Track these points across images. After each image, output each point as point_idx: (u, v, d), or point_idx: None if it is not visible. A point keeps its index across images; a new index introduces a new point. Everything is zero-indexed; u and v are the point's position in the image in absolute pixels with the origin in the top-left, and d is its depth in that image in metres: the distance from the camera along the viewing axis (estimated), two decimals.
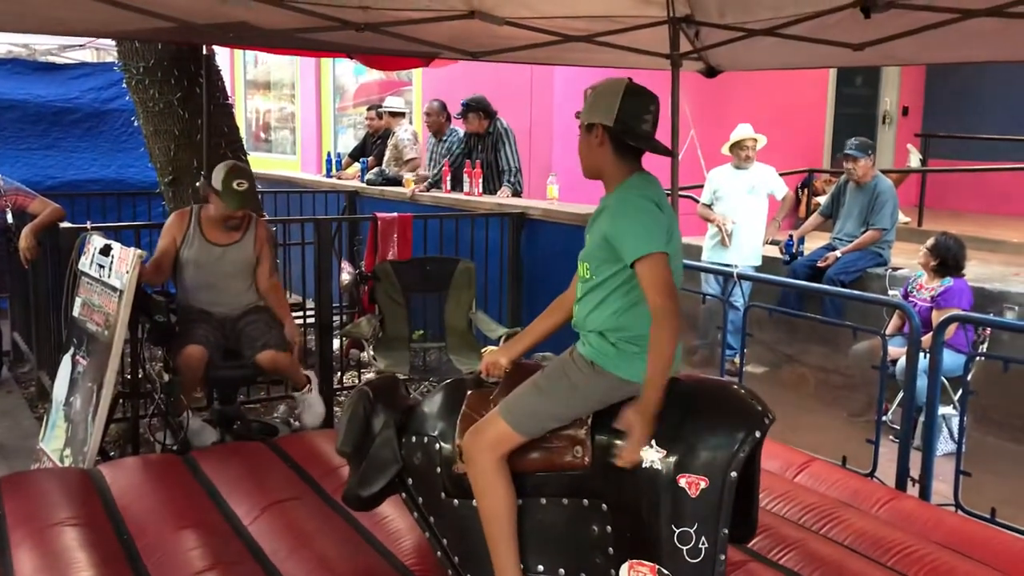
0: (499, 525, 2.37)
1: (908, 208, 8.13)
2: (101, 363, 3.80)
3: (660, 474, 2.23)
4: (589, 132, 2.43)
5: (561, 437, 2.38)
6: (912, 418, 4.06)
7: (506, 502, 2.37)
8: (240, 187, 4.20)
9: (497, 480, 2.37)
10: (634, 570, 2.26)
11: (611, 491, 2.32)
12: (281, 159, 12.48)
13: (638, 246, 2.29)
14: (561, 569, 2.40)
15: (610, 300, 2.40)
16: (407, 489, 2.60)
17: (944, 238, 5.25)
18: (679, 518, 2.22)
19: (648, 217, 2.34)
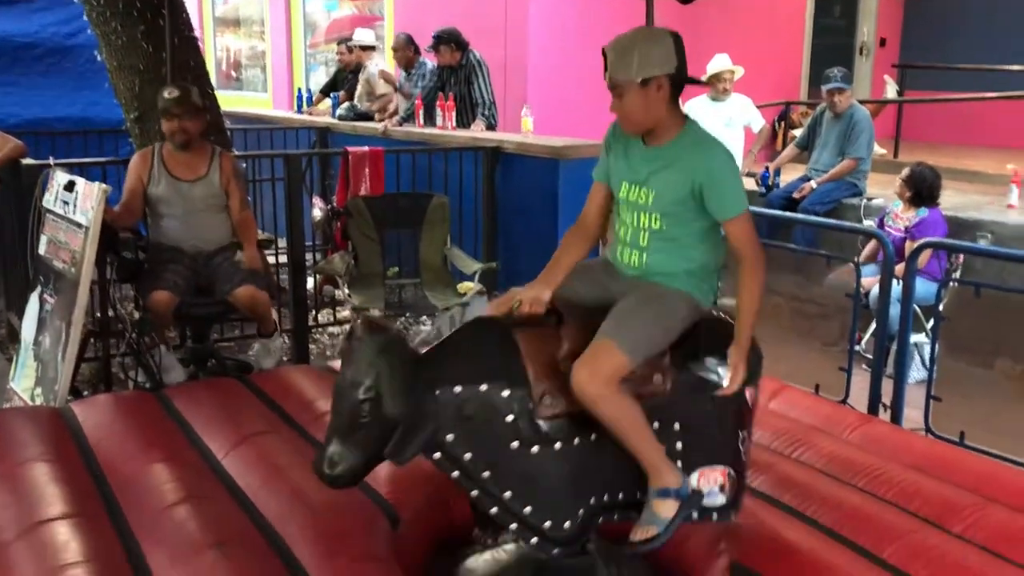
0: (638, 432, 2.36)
1: (884, 140, 8.11)
2: (69, 301, 3.74)
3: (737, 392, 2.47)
4: (646, 86, 2.33)
5: (644, 367, 2.39)
6: (884, 346, 4.09)
7: (637, 412, 2.35)
8: (171, 94, 4.13)
9: (624, 402, 2.33)
10: (705, 476, 2.46)
11: (686, 411, 2.45)
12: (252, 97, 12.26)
13: (736, 205, 2.39)
14: (637, 492, 2.44)
15: (680, 240, 2.45)
16: (442, 447, 2.29)
17: (919, 168, 5.24)
18: (744, 425, 2.55)
19: (736, 172, 2.45)
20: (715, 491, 2.47)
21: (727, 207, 2.38)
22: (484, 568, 2.54)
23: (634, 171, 2.45)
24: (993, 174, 7.36)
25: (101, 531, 2.54)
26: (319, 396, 3.48)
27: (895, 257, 4.03)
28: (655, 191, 2.41)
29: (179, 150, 4.22)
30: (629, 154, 2.48)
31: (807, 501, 2.71)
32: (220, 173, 4.29)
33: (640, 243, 2.47)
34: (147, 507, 2.65)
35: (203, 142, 4.32)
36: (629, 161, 2.47)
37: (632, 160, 2.46)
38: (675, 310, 2.44)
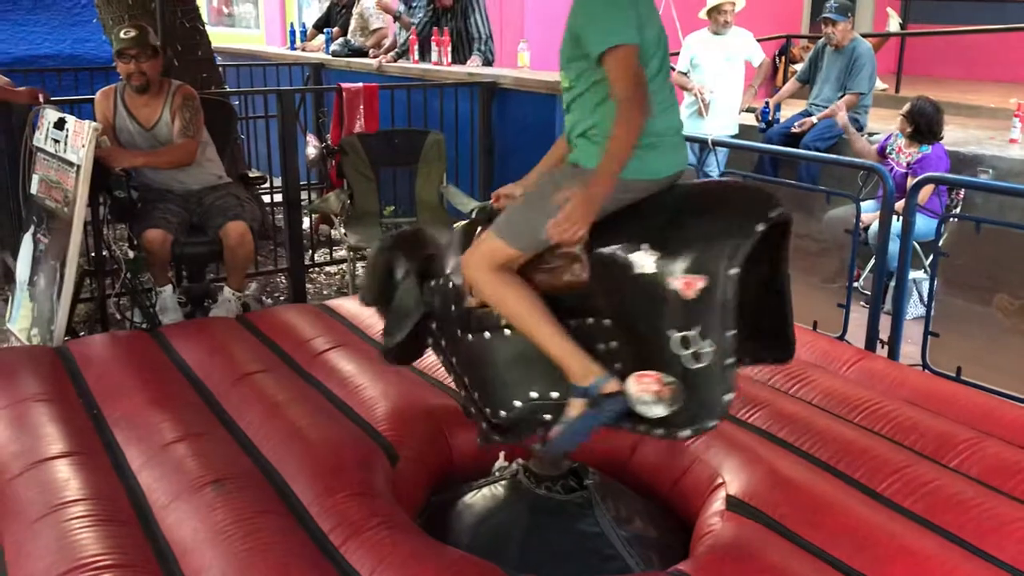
0: (531, 321, 2.26)
1: (886, 75, 8.00)
2: (63, 240, 3.71)
3: (655, 278, 2.10)
4: None
5: (558, 256, 2.28)
6: (883, 282, 4.08)
7: (525, 298, 2.27)
8: (126, 35, 4.02)
9: (504, 287, 2.27)
10: (639, 382, 2.16)
11: (612, 306, 2.24)
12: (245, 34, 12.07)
13: (604, 38, 2.16)
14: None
15: (586, 99, 2.28)
16: (434, 335, 2.53)
17: (920, 102, 5.16)
18: (678, 322, 2.10)
19: (613, 9, 2.19)
20: (648, 400, 2.14)
21: (593, 41, 2.17)
22: (481, 504, 2.56)
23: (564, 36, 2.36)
24: (996, 108, 7.28)
25: (100, 469, 2.55)
26: (316, 334, 3.47)
27: (895, 193, 3.99)
28: (563, 45, 2.33)
29: (137, 93, 4.11)
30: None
31: (804, 436, 2.72)
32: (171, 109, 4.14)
33: (564, 106, 2.39)
34: (145, 445, 2.66)
35: (162, 82, 4.17)
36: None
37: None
38: (558, 184, 2.27)
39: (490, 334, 2.36)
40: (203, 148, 4.26)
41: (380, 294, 2.59)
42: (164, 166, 4.12)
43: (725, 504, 2.44)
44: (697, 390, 2.13)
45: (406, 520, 2.35)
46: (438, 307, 2.48)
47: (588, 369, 2.23)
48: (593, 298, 2.26)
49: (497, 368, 2.38)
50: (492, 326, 2.35)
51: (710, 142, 4.75)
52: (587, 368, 2.23)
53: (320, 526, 2.30)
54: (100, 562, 2.08)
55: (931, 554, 2.19)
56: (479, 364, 2.42)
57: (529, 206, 2.34)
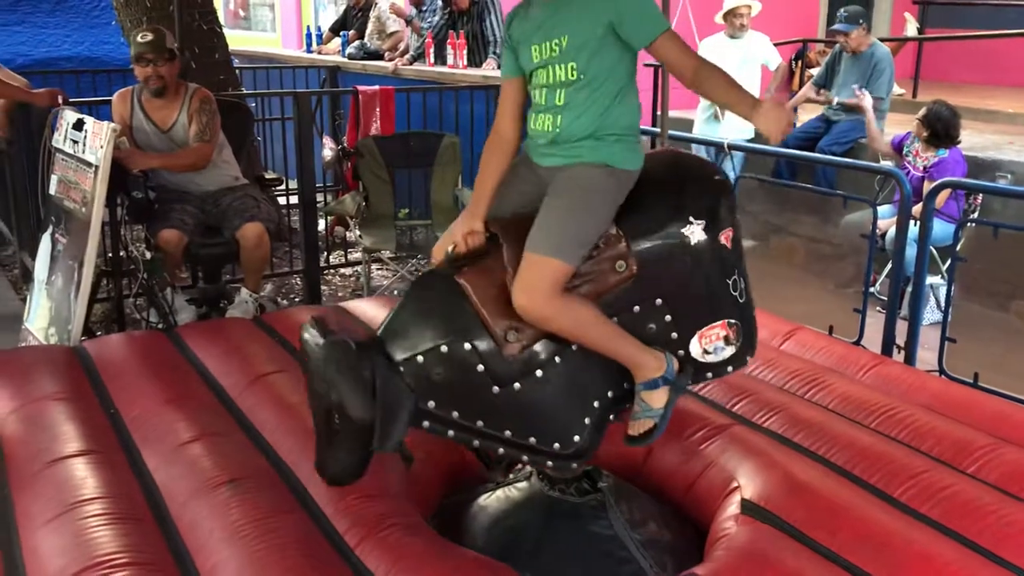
0: (599, 333, 2.26)
1: (903, 79, 7.96)
2: (80, 240, 3.74)
3: (708, 242, 2.33)
4: None
5: (600, 261, 2.26)
6: (900, 287, 4.06)
7: (590, 314, 2.24)
8: (144, 39, 4.05)
9: (571, 310, 2.22)
10: (705, 337, 2.37)
11: (663, 283, 2.33)
12: (261, 36, 12.12)
13: (658, 22, 2.25)
14: (625, 383, 2.35)
15: (598, 98, 2.25)
16: (428, 415, 2.25)
17: (937, 106, 5.14)
18: (729, 271, 2.39)
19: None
20: (720, 346, 2.39)
21: (648, 28, 2.21)
22: (496, 506, 2.56)
23: (541, 29, 2.28)
24: (1014, 113, 7.24)
25: (117, 467, 2.56)
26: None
27: (912, 197, 3.97)
28: (567, 35, 2.23)
29: (154, 96, 4.13)
30: (531, 20, 2.32)
31: (820, 441, 2.70)
32: (188, 112, 4.17)
33: (556, 102, 2.27)
34: (162, 444, 2.67)
35: (179, 84, 4.20)
36: (533, 24, 2.31)
37: (536, 21, 2.30)
38: (596, 186, 2.25)
39: (541, 371, 2.26)
40: (219, 150, 4.29)
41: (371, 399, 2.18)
42: (180, 169, 4.15)
43: (740, 508, 2.42)
44: (748, 320, 2.46)
45: (420, 521, 2.35)
46: (443, 378, 2.23)
47: (657, 358, 2.30)
48: (639, 286, 2.31)
49: (553, 402, 2.29)
50: (543, 362, 2.25)
51: (726, 146, 4.73)
52: (656, 357, 2.30)
53: (335, 526, 2.30)
54: (116, 560, 2.09)
55: (948, 560, 2.17)
56: (529, 409, 2.28)
57: (576, 219, 2.23)
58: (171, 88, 4.14)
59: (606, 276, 2.28)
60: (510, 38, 2.39)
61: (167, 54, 4.10)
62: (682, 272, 2.33)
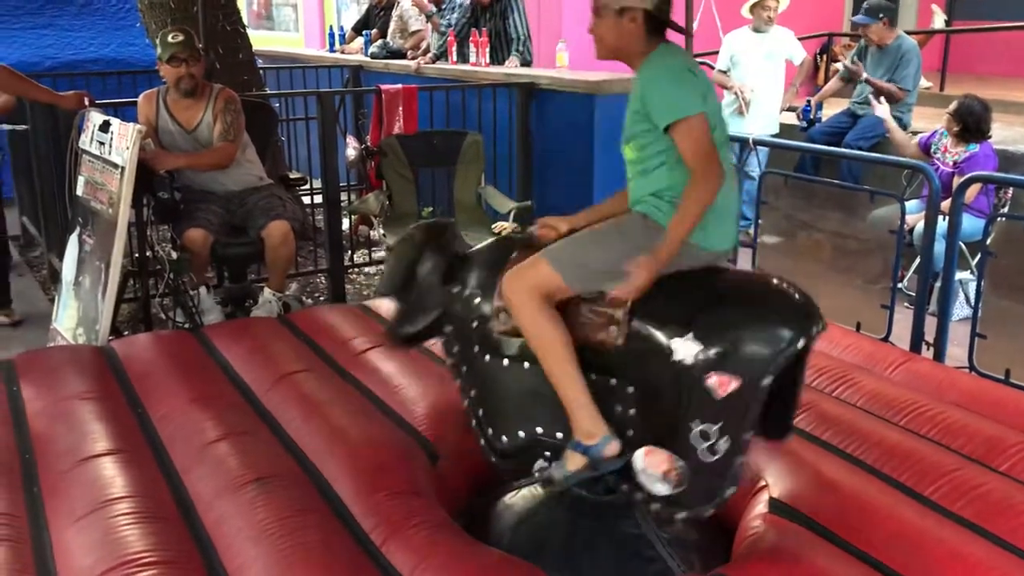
0: (556, 361, 2.27)
1: (930, 72, 7.86)
2: (107, 241, 3.77)
3: (691, 368, 2.11)
4: (621, 15, 2.33)
5: (599, 313, 2.29)
6: (928, 283, 4.01)
7: (559, 337, 2.27)
8: (175, 39, 4.07)
9: (543, 319, 2.28)
10: (649, 456, 2.20)
11: (640, 376, 2.24)
12: (284, 36, 12.18)
13: (671, 111, 2.25)
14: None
15: (650, 170, 2.35)
16: (446, 336, 2.56)
17: (969, 100, 5.07)
18: (703, 415, 2.12)
19: (679, 80, 2.30)
20: (655, 477, 2.18)
21: (662, 113, 2.26)
22: (521, 504, 2.55)
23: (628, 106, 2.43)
24: None
25: (145, 466, 2.58)
26: (356, 335, 3.49)
27: (941, 192, 3.92)
28: (626, 120, 2.40)
29: (184, 96, 4.16)
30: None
31: (849, 439, 2.67)
32: (214, 112, 4.20)
33: (631, 178, 2.44)
34: (189, 443, 2.68)
35: (204, 85, 4.23)
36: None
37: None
38: (621, 229, 2.37)
39: (508, 361, 2.40)
40: (244, 150, 4.31)
41: (401, 285, 2.59)
42: (205, 168, 4.18)
43: (768, 507, 2.41)
44: (704, 480, 2.16)
45: (446, 520, 2.34)
46: (458, 315, 2.49)
47: (596, 428, 2.25)
48: (621, 361, 2.26)
49: (508, 395, 2.42)
50: (512, 355, 2.39)
51: (751, 141, 4.70)
52: (596, 427, 2.25)
53: (361, 525, 2.30)
54: (144, 559, 2.11)
55: (980, 559, 2.14)
56: (490, 385, 2.45)
57: (592, 246, 2.36)
58: (197, 89, 4.16)
59: (596, 330, 2.29)
60: None
61: (198, 54, 4.13)
62: (657, 380, 2.19)
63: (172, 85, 4.15)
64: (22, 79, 4.27)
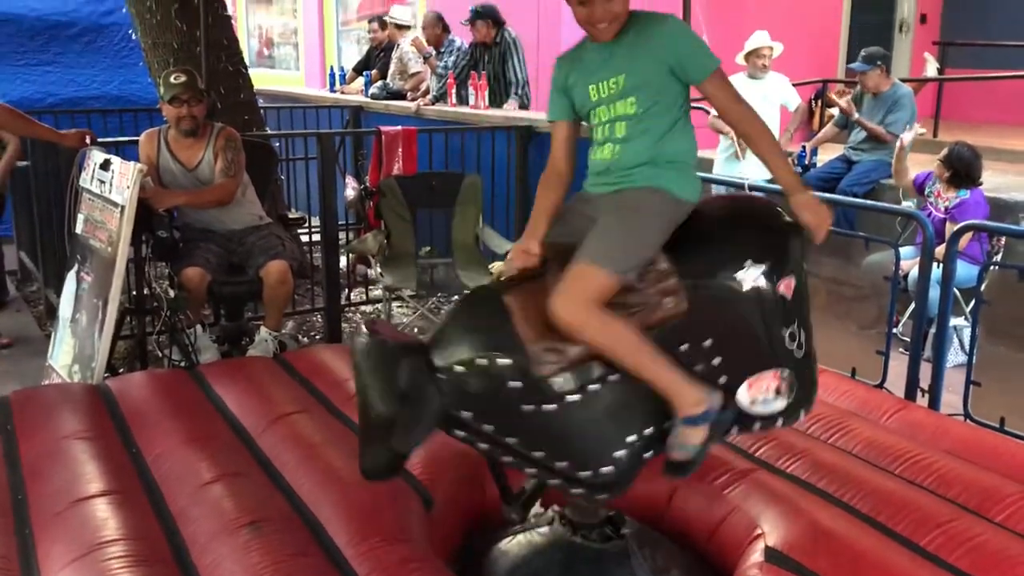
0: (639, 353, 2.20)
1: (924, 119, 7.95)
2: (105, 279, 3.78)
3: (765, 289, 2.28)
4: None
5: (647, 294, 2.23)
6: (923, 329, 4.02)
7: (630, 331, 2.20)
8: (177, 80, 4.11)
9: (610, 323, 2.19)
10: (754, 386, 2.31)
11: (714, 325, 2.27)
12: (285, 75, 12.30)
13: (710, 60, 2.32)
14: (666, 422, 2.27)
15: (655, 128, 2.34)
16: (462, 424, 2.27)
17: (958, 147, 5.13)
18: (787, 321, 2.32)
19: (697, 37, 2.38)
20: (769, 398, 2.31)
21: (705, 65, 2.32)
22: (517, 551, 2.54)
23: (599, 70, 2.37)
24: None
25: (138, 508, 2.57)
26: (349, 376, 3.48)
27: (934, 239, 3.96)
28: (626, 73, 2.34)
29: (185, 136, 4.19)
30: (586, 65, 2.41)
31: (844, 487, 2.67)
32: (214, 150, 4.22)
33: (616, 134, 2.36)
34: (183, 485, 2.67)
35: (205, 124, 4.26)
36: (589, 67, 2.40)
37: (592, 65, 2.40)
38: (648, 206, 2.30)
39: (575, 395, 2.22)
40: (244, 189, 4.34)
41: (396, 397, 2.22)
42: (206, 205, 4.20)
43: (764, 556, 2.39)
44: (805, 375, 2.38)
45: (441, 566, 2.33)
46: (480, 392, 2.23)
47: (699, 393, 2.23)
48: (690, 325, 2.25)
49: (586, 428, 2.25)
50: (576, 387, 2.22)
51: (746, 186, 4.73)
52: (698, 392, 2.23)
53: (356, 571, 2.29)
54: None
55: None
56: (561, 432, 2.25)
57: (621, 228, 2.27)
58: (198, 128, 4.20)
59: (653, 310, 2.23)
60: (563, 81, 2.48)
61: (200, 94, 4.17)
62: (734, 316, 2.28)
63: (174, 125, 4.18)
64: (24, 118, 4.30)
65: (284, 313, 4.58)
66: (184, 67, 4.45)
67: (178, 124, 4.15)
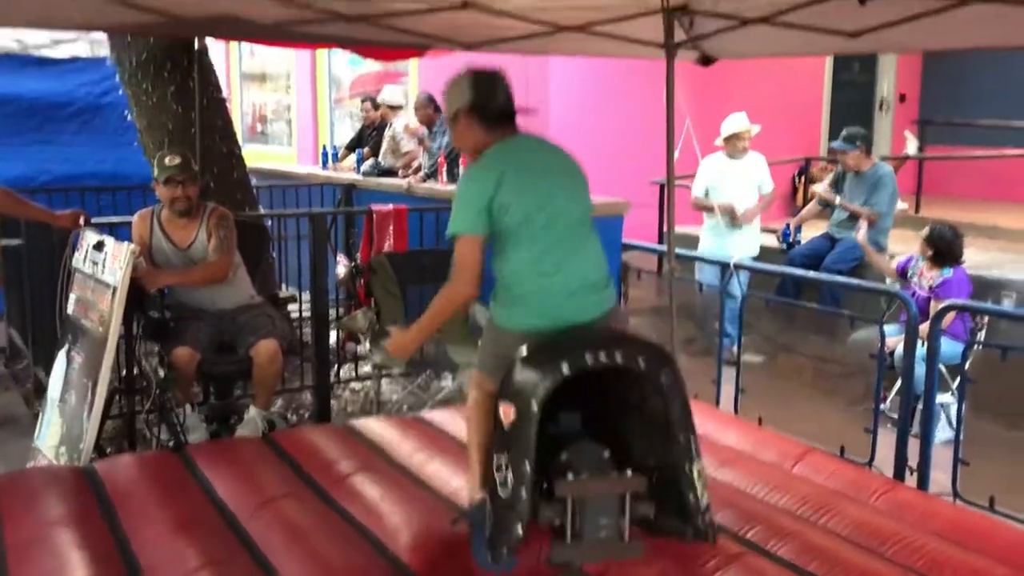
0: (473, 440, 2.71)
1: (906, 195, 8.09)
2: (96, 359, 3.78)
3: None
4: (456, 120, 2.72)
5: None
6: (910, 406, 4.05)
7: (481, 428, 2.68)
8: (172, 162, 4.17)
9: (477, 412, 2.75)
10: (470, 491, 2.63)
11: None
12: (277, 151, 12.44)
13: (452, 226, 2.63)
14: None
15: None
16: None
17: (940, 228, 5.21)
18: (496, 445, 2.42)
19: (464, 196, 2.64)
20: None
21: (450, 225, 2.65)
22: None
23: None
24: (1015, 230, 7.33)
25: None
26: (341, 457, 3.49)
27: (919, 316, 4.01)
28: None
29: (179, 216, 4.24)
30: None
31: (834, 570, 2.67)
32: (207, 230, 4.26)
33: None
34: (169, 572, 2.65)
35: (198, 204, 4.29)
36: None
37: None
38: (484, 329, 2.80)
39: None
40: (235, 268, 4.37)
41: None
42: (198, 283, 4.22)
43: None
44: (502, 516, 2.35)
45: None
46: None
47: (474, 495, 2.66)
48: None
49: None
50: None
51: (732, 265, 4.81)
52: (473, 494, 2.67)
53: None
54: None
55: None
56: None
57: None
58: (192, 209, 4.25)
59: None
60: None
61: (194, 175, 4.23)
62: None
63: (168, 205, 4.23)
64: (19, 200, 4.35)
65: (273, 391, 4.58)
66: (179, 149, 4.52)
67: (172, 205, 4.20)
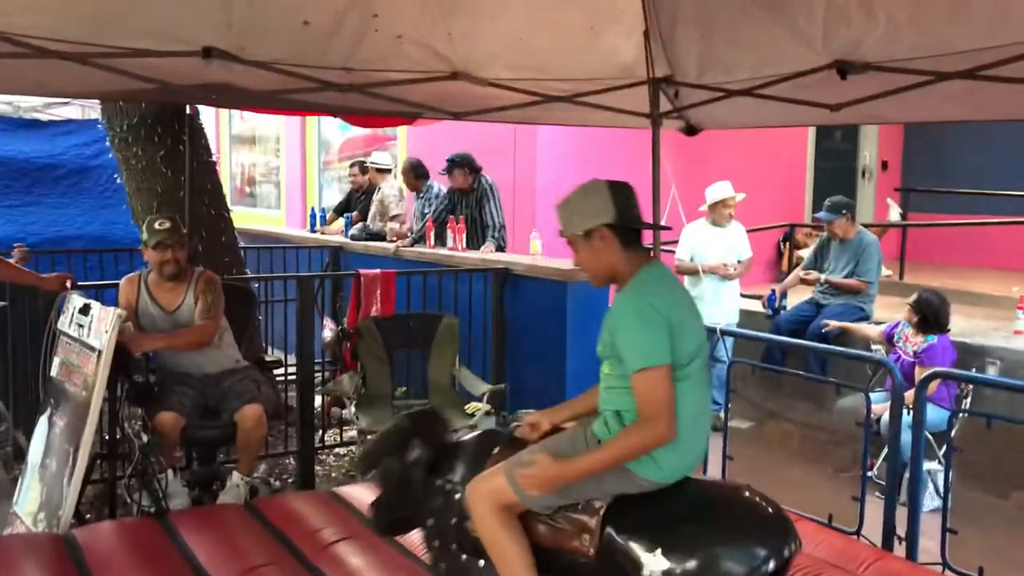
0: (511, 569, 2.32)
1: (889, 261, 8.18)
2: (78, 424, 3.74)
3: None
4: (589, 238, 2.39)
5: (572, 520, 2.33)
6: (897, 474, 4.04)
7: (516, 552, 2.31)
8: (161, 226, 4.18)
9: (501, 532, 2.32)
10: None
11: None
12: (266, 214, 12.49)
13: (635, 359, 2.28)
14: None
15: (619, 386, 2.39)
16: (427, 529, 2.61)
17: (926, 295, 5.27)
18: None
19: (647, 328, 2.29)
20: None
21: (628, 360, 2.30)
22: None
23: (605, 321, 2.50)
24: (999, 296, 7.40)
25: None
26: (324, 525, 3.44)
27: (904, 383, 4.02)
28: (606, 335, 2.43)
29: (168, 280, 4.24)
30: None
31: None
32: (194, 294, 4.27)
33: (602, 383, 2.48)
34: None
35: (186, 268, 4.31)
36: None
37: None
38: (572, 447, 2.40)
39: (484, 563, 2.42)
40: (222, 333, 4.37)
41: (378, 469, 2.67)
42: (184, 347, 4.21)
43: None
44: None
45: None
46: (438, 508, 2.54)
47: None
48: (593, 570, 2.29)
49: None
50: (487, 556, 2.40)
51: (718, 331, 4.82)
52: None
53: None
54: None
55: None
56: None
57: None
58: (180, 273, 4.26)
59: (569, 537, 2.33)
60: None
61: (183, 239, 4.25)
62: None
63: (156, 269, 4.23)
64: (5, 264, 4.35)
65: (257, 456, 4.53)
66: (168, 213, 4.54)
67: (161, 268, 4.20)
